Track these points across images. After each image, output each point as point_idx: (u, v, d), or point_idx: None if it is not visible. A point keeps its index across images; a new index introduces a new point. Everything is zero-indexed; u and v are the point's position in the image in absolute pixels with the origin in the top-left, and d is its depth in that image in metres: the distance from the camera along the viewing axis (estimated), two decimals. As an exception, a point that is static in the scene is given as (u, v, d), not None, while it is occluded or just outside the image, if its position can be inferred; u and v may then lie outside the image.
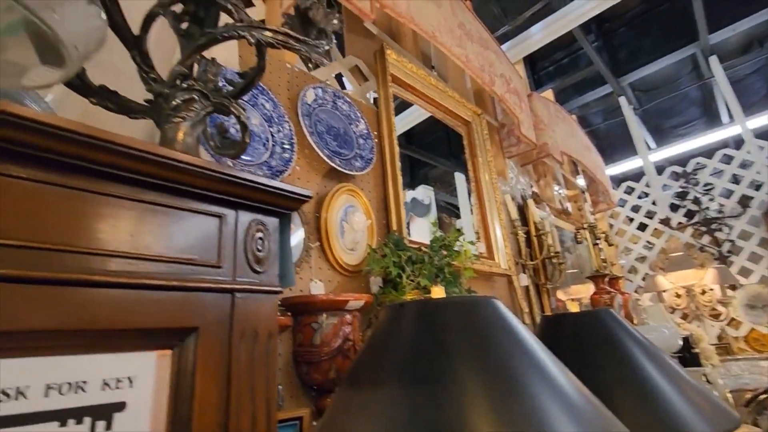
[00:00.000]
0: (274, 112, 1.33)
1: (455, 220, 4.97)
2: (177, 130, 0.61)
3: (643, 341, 1.10)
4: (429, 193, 4.80)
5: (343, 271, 1.37)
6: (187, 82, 0.64)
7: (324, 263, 1.34)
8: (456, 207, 4.84)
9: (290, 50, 0.69)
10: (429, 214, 4.65)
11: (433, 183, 5.56)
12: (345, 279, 1.38)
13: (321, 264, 1.33)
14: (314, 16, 0.77)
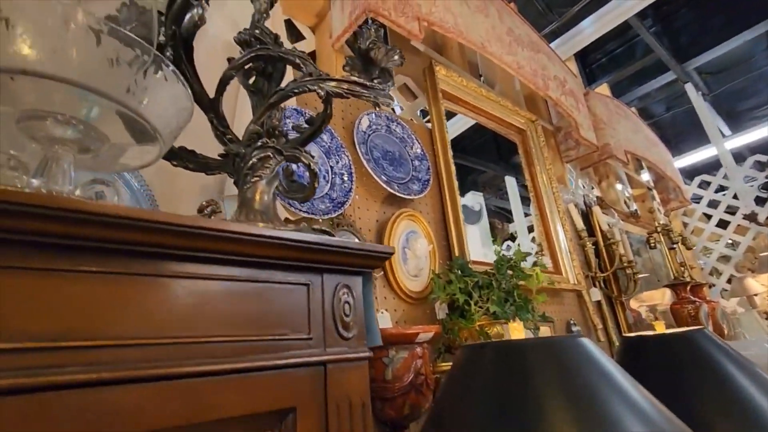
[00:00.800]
0: (332, 144, 1.34)
1: (508, 225, 4.81)
2: (255, 190, 0.62)
3: (747, 365, 0.98)
4: (479, 199, 4.67)
5: (407, 298, 1.34)
6: (261, 140, 0.64)
7: (389, 292, 1.32)
8: (508, 211, 4.67)
9: (358, 98, 0.69)
10: (480, 221, 4.52)
11: (482, 188, 5.43)
12: (410, 306, 1.36)
13: (386, 293, 1.31)
14: (376, 56, 0.75)
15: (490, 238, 4.34)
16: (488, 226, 4.32)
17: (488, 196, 5.18)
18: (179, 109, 0.44)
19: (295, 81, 0.64)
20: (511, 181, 4.29)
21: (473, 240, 4.36)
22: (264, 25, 0.76)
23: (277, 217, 0.61)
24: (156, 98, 0.41)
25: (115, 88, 0.37)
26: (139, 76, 0.39)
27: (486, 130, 2.40)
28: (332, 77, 0.65)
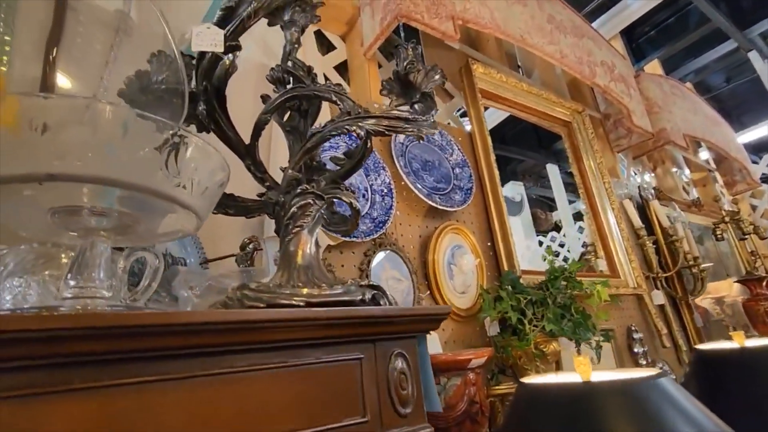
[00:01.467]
0: (371, 161, 1.29)
1: (551, 214, 4.60)
2: (298, 242, 0.59)
3: None
4: (519, 189, 4.49)
5: (455, 316, 1.29)
6: (300, 186, 0.61)
7: (436, 311, 1.27)
8: (550, 199, 4.45)
9: (401, 133, 0.64)
10: (522, 212, 4.34)
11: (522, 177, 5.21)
12: (458, 325, 1.30)
13: (433, 313, 1.26)
14: (415, 80, 0.69)
15: (533, 229, 4.18)
16: (530, 217, 4.15)
17: (529, 185, 4.96)
18: (215, 182, 0.41)
19: (333, 122, 0.60)
20: (553, 169, 4.08)
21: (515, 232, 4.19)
22: (296, 57, 0.72)
23: (321, 270, 0.58)
24: (190, 176, 0.38)
25: (146, 176, 0.34)
26: (170, 158, 0.35)
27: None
28: (371, 114, 0.60)
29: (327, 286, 0.52)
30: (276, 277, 0.54)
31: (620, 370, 0.89)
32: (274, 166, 0.91)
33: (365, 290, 0.54)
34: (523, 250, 3.56)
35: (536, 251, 3.35)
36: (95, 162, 0.31)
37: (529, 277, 1.48)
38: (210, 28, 0.48)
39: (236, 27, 0.51)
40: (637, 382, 0.70)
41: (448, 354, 1.07)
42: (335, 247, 1.13)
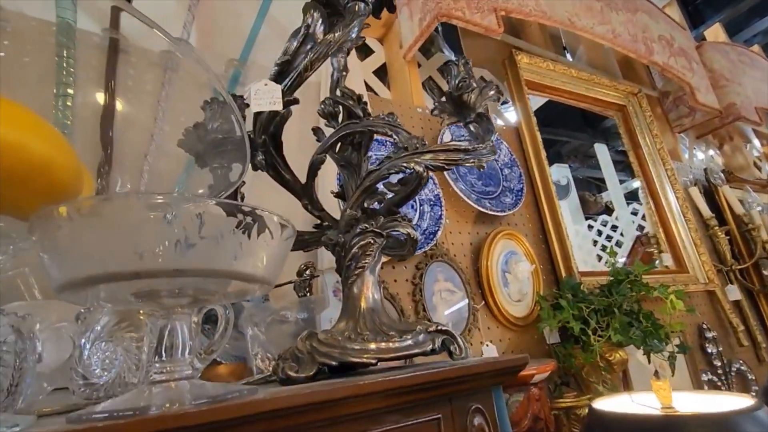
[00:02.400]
0: (416, 169, 1.26)
1: (600, 197, 4.36)
2: (361, 284, 0.58)
3: None
4: (565, 172, 4.28)
5: (512, 325, 1.25)
6: (360, 226, 0.60)
7: (492, 321, 1.23)
8: (599, 180, 4.21)
9: (460, 165, 0.61)
10: (568, 196, 4.15)
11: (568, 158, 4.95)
12: (516, 334, 1.26)
13: (489, 323, 1.23)
14: (469, 99, 0.66)
15: (581, 213, 3.98)
16: (578, 201, 3.95)
17: (575, 166, 4.72)
18: (285, 250, 0.41)
19: (390, 158, 0.57)
20: (602, 149, 3.86)
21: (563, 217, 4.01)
22: (345, 86, 0.70)
23: (386, 313, 0.56)
24: (263, 252, 0.38)
25: (222, 261, 0.34)
26: (243, 239, 0.35)
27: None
28: (428, 148, 0.58)
29: (396, 336, 0.51)
30: (342, 325, 0.54)
31: (702, 392, 0.83)
32: (324, 190, 0.90)
33: (435, 337, 0.52)
34: (572, 235, 3.40)
35: (585, 236, 3.19)
36: (175, 256, 0.31)
37: (589, 280, 1.41)
38: (267, 85, 0.47)
39: (293, 81, 0.49)
40: (730, 416, 0.64)
41: (509, 369, 1.04)
42: (386, 262, 1.11)
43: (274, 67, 0.50)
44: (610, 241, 3.16)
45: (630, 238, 2.71)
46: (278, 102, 0.47)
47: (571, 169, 4.00)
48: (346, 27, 0.52)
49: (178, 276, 0.32)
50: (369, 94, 1.32)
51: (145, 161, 0.85)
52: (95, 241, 0.31)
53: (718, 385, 1.59)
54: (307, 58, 0.49)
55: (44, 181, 0.34)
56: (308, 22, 0.51)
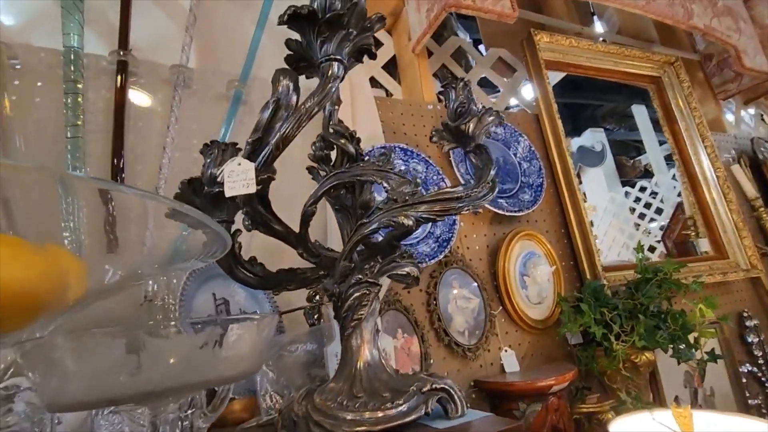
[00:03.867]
0: (428, 173, 1.23)
1: (639, 161, 4.12)
2: (359, 336, 0.58)
3: None
4: (599, 137, 4.06)
5: (531, 329, 1.23)
6: (355, 277, 0.59)
7: (510, 326, 1.22)
8: (638, 141, 3.97)
9: (455, 215, 0.58)
10: (604, 162, 3.94)
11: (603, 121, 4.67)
12: (535, 337, 1.24)
13: (507, 327, 1.21)
14: (467, 129, 0.62)
15: (617, 178, 3.78)
16: (614, 166, 3.75)
17: (611, 128, 4.45)
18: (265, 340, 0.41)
19: (381, 210, 0.56)
20: (640, 110, 3.62)
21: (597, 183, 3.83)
22: (338, 122, 0.68)
23: (383, 369, 0.56)
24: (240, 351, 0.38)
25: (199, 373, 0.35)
26: (216, 348, 0.35)
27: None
28: (421, 199, 0.55)
29: (390, 398, 0.51)
30: (338, 385, 0.54)
31: (730, 415, 0.79)
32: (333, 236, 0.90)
33: (429, 398, 0.52)
34: (606, 203, 3.25)
35: (621, 204, 3.05)
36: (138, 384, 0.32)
37: (614, 275, 1.35)
38: (241, 165, 0.46)
39: (267, 158, 0.48)
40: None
41: (527, 380, 1.03)
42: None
43: (247, 146, 0.48)
44: (649, 208, 3.00)
45: (671, 204, 2.56)
46: (251, 184, 0.46)
47: (607, 132, 3.77)
48: (322, 92, 0.49)
49: (150, 399, 0.33)
50: (377, 97, 1.27)
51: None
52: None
53: (758, 376, 1.52)
54: (280, 132, 0.47)
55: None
56: (279, 92, 0.48)
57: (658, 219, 2.66)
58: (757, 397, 1.49)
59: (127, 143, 0.91)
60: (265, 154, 0.47)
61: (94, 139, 0.90)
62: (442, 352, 1.09)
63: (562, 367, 1.12)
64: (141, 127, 0.94)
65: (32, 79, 0.93)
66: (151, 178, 0.91)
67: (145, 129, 0.94)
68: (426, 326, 1.09)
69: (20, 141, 0.87)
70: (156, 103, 0.97)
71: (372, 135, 1.18)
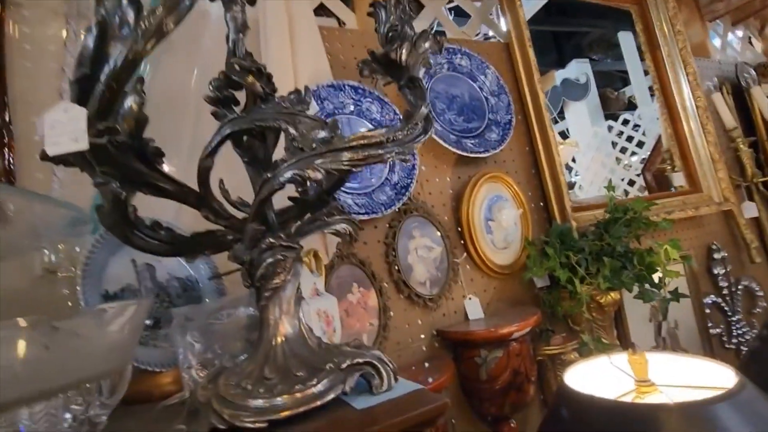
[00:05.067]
0: (383, 114, 1.11)
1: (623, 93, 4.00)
2: (278, 310, 0.51)
3: None
4: (584, 68, 3.90)
5: (497, 275, 1.19)
6: (266, 241, 0.50)
7: (475, 272, 1.17)
8: (623, 72, 3.84)
9: (381, 163, 0.48)
10: (588, 95, 3.83)
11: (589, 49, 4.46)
12: (501, 282, 1.20)
13: (472, 274, 1.17)
14: (398, 57, 0.51)
15: (601, 112, 3.68)
16: (598, 99, 3.64)
17: (597, 57, 4.26)
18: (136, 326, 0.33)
19: (286, 162, 0.46)
20: (626, 37, 3.44)
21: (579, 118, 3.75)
22: (242, 58, 0.56)
23: (301, 343, 0.50)
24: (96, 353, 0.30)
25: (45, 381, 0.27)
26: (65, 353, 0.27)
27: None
28: (331, 146, 0.45)
29: (303, 379, 0.44)
30: (250, 366, 0.48)
31: (684, 356, 0.77)
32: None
33: (349, 374, 0.46)
34: (589, 138, 3.18)
35: (604, 138, 2.98)
36: None
37: (585, 215, 1.30)
38: (67, 112, 0.34)
39: (101, 101, 0.35)
40: (706, 405, 0.58)
41: (488, 328, 1.01)
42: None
43: (72, 86, 0.36)
44: (631, 141, 2.93)
45: (653, 137, 2.49)
46: (82, 137, 0.34)
47: (592, 62, 3.59)
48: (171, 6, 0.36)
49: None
50: (324, 27, 1.11)
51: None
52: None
53: (721, 306, 1.54)
54: (113, 64, 0.35)
55: None
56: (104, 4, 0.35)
57: (639, 152, 2.61)
58: (719, 326, 1.53)
59: (14, 89, 0.76)
60: (97, 97, 0.36)
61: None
62: (402, 304, 1.05)
63: (525, 311, 1.10)
64: (30, 69, 0.79)
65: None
66: (51, 132, 0.78)
67: (35, 71, 0.79)
68: (384, 278, 1.04)
69: None
70: (45, 40, 0.81)
71: (317, 71, 1.04)
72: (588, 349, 1.04)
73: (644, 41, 1.72)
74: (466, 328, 1.05)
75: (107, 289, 0.68)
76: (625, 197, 1.93)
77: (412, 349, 1.04)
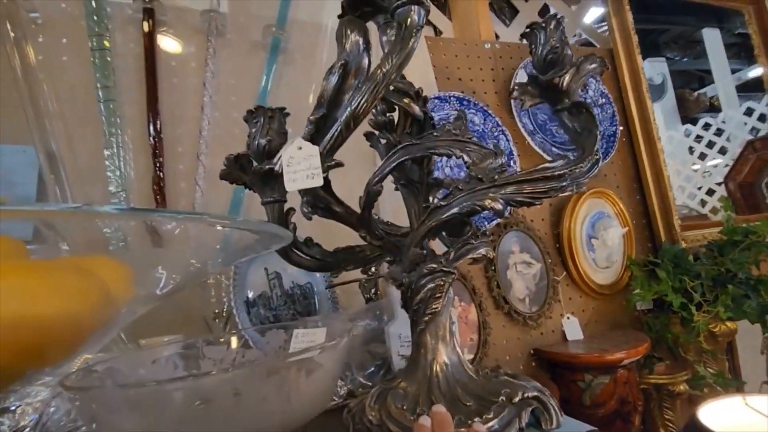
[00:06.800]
0: (485, 125, 1.10)
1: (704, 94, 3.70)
2: (434, 331, 0.51)
3: None
4: (660, 68, 3.65)
5: (597, 294, 1.14)
6: (427, 266, 0.51)
7: (573, 291, 1.13)
8: (706, 71, 3.54)
9: (552, 197, 0.47)
10: (664, 96, 3.58)
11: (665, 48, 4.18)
12: (601, 303, 1.15)
13: (570, 293, 1.13)
14: (561, 83, 0.50)
15: (677, 115, 3.43)
16: (674, 101, 3.39)
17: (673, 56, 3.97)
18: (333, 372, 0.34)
19: (461, 191, 0.46)
20: (712, 34, 3.18)
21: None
22: (399, 81, 0.57)
23: (460, 367, 0.50)
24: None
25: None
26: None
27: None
28: (512, 178, 0.45)
29: (475, 410, 0.45)
30: (412, 387, 0.49)
31: None
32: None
33: (523, 410, 0.45)
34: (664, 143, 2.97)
35: (680, 143, 2.77)
36: None
37: (692, 235, 1.21)
38: (302, 149, 0.36)
39: (334, 141, 0.38)
40: None
41: (594, 352, 0.97)
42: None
43: (309, 125, 0.38)
44: (712, 147, 2.70)
45: (739, 143, 2.29)
46: (317, 174, 0.36)
47: (668, 61, 3.35)
48: (402, 50, 0.37)
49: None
50: (427, 37, 1.12)
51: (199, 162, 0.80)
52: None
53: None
54: (351, 107, 0.37)
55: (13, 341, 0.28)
56: (346, 51, 0.37)
57: (721, 159, 2.40)
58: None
59: (163, 105, 0.83)
60: (333, 136, 0.37)
61: (128, 101, 0.83)
62: (501, 320, 1.03)
63: (630, 336, 1.04)
64: (176, 84, 0.86)
65: (56, 35, 0.85)
66: (192, 143, 0.84)
67: (180, 86, 0.86)
68: (484, 293, 1.03)
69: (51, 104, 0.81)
70: (189, 56, 0.87)
71: (423, 83, 1.04)
72: (703, 383, 0.97)
73: (758, 44, 1.57)
74: (569, 350, 1.01)
75: (250, 296, 0.72)
76: (702, 207, 1.78)
77: (509, 367, 1.02)
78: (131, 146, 0.81)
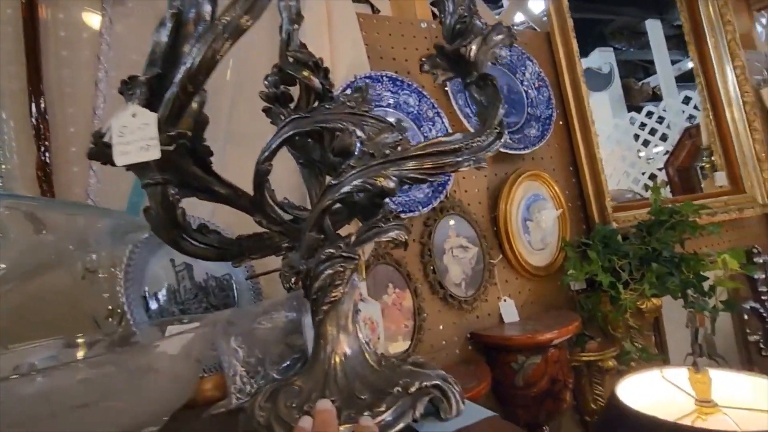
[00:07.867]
0: (420, 107, 1.06)
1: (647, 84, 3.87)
2: (336, 325, 0.48)
3: None
4: (607, 58, 3.78)
5: (533, 276, 1.15)
6: (325, 252, 0.47)
7: (510, 273, 1.13)
8: (649, 62, 3.70)
9: (452, 172, 0.44)
10: (610, 85, 3.72)
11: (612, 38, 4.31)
12: (537, 284, 1.16)
13: (507, 275, 1.13)
14: (468, 53, 0.47)
15: (623, 103, 3.57)
16: (621, 90, 3.53)
17: (620, 46, 4.11)
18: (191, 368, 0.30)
19: (354, 168, 0.42)
20: (654, 25, 3.32)
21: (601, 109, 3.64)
22: (298, 46, 0.52)
23: (360, 359, 0.47)
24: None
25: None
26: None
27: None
28: (406, 153, 0.41)
29: (369, 403, 0.41)
30: (308, 384, 0.45)
31: (749, 375, 0.73)
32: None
33: (418, 400, 0.43)
34: (610, 130, 3.08)
35: (626, 130, 2.88)
36: None
37: (624, 216, 1.25)
38: (136, 116, 0.30)
39: (173, 105, 0.32)
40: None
41: (526, 333, 0.97)
42: None
43: (142, 87, 0.32)
44: (654, 134, 2.83)
45: (677, 130, 2.40)
46: (154, 145, 0.31)
47: (615, 51, 3.46)
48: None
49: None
50: (360, 14, 1.06)
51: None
52: None
53: (760, 312, 1.49)
54: (188, 64, 0.31)
55: None
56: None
57: (662, 145, 2.52)
58: (757, 333, 1.47)
59: (51, 81, 0.73)
60: (171, 99, 0.32)
61: (9, 74, 0.73)
62: (436, 305, 1.02)
63: (563, 316, 1.06)
64: (65, 57, 0.76)
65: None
66: (87, 124, 0.75)
67: (72, 60, 0.76)
68: (419, 279, 1.01)
69: None
70: (80, 27, 0.77)
71: (355, 62, 1.00)
72: (629, 358, 1.00)
73: (688, 30, 1.63)
74: (503, 333, 1.01)
75: (147, 290, 0.66)
76: (646, 192, 1.86)
77: (445, 352, 1.01)
78: (13, 126, 0.71)
